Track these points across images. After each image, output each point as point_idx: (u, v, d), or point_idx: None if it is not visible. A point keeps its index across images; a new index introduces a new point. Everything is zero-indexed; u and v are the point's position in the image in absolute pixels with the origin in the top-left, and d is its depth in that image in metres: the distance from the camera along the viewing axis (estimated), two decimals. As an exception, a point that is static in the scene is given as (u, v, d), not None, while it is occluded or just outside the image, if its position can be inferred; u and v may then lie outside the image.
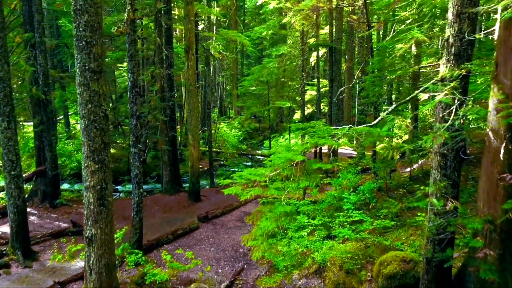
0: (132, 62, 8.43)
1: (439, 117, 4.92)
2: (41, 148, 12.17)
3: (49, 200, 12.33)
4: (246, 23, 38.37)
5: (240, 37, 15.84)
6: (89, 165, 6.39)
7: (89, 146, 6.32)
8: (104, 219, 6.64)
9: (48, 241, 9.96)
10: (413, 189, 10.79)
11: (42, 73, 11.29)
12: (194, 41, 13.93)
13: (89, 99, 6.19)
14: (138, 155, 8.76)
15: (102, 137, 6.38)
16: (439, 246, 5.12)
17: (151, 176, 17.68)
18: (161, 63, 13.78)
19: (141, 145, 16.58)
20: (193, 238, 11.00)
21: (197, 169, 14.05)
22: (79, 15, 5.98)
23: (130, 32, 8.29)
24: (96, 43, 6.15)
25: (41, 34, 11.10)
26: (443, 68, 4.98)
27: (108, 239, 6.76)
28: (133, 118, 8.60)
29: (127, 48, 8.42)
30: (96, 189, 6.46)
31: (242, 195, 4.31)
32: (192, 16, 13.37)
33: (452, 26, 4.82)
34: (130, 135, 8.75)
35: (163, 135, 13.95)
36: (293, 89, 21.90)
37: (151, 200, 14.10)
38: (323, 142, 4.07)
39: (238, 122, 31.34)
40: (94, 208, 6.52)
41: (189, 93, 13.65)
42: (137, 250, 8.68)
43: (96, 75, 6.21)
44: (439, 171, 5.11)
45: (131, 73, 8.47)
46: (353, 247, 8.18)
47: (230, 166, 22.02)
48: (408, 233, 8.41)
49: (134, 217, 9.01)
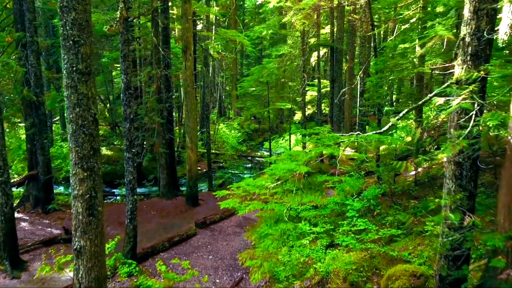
0: (125, 62, 8.03)
1: (454, 122, 4.52)
2: (33, 151, 11.77)
3: (41, 205, 11.92)
4: (246, 23, 37.99)
5: (239, 36, 15.43)
6: (78, 172, 5.98)
7: (77, 153, 5.91)
8: (94, 230, 6.22)
9: (39, 249, 9.56)
10: (419, 194, 10.40)
11: (33, 73, 10.88)
12: (192, 41, 13.53)
13: (77, 102, 5.78)
14: (132, 160, 8.36)
15: (91, 143, 5.97)
16: (453, 262, 4.72)
17: (148, 179, 17.27)
18: (158, 63, 13.38)
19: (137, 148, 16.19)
20: (190, 245, 10.59)
21: (195, 173, 13.64)
22: (65, 12, 5.57)
23: (123, 31, 7.89)
24: (84, 42, 5.75)
25: (32, 33, 10.69)
26: (458, 69, 4.58)
27: (98, 251, 6.35)
28: (127, 122, 8.20)
29: (120, 48, 8.02)
30: (85, 198, 6.05)
31: (240, 209, 3.91)
32: (189, 15, 12.97)
33: (469, 23, 4.42)
34: (124, 139, 8.34)
35: (160, 138, 13.54)
36: (294, 90, 21.49)
37: (148, 204, 13.69)
38: (329, 152, 3.68)
39: (237, 123, 30.92)
40: (83, 218, 6.11)
41: (186, 94, 13.25)
42: (130, 260, 8.27)
43: (85, 76, 5.80)
44: (453, 181, 4.71)
45: (125, 74, 8.06)
46: (358, 257, 7.78)
47: (229, 168, 21.62)
48: (415, 242, 8.02)
49: (128, 225, 8.61)
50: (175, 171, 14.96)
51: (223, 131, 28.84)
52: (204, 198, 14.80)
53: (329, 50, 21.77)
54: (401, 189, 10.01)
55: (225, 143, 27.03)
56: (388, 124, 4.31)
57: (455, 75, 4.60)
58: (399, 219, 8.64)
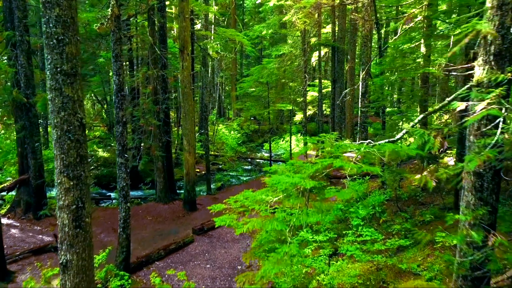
0: (118, 63, 7.59)
1: (474, 129, 4.09)
2: (24, 155, 11.32)
3: (33, 211, 11.48)
4: (246, 22, 37.56)
5: (238, 36, 14.99)
6: (63, 181, 5.55)
7: (63, 160, 5.48)
8: (81, 243, 5.79)
9: (28, 258, 9.11)
10: (426, 200, 9.98)
11: (23, 74, 10.44)
12: (190, 40, 13.08)
13: (61, 106, 5.35)
14: (125, 166, 7.92)
15: (77, 150, 5.54)
16: (473, 283, 4.29)
17: (145, 183, 16.84)
18: (155, 63, 12.94)
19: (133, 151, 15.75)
20: (187, 254, 10.15)
21: (192, 176, 13.20)
22: (48, 8, 5.14)
23: (115, 30, 7.45)
24: (69, 41, 5.31)
25: (22, 32, 10.25)
26: (479, 70, 4.14)
27: (86, 265, 5.92)
28: (119, 125, 7.76)
29: (112, 47, 7.58)
30: (71, 209, 5.62)
31: (237, 228, 3.48)
32: (187, 14, 12.53)
33: (492, 19, 3.98)
34: (116, 143, 7.90)
35: (157, 140, 13.10)
36: (294, 91, 21.05)
37: (144, 209, 13.25)
38: (339, 165, 3.25)
39: (237, 124, 30.48)
40: (69, 230, 5.68)
41: (184, 96, 12.81)
42: (123, 272, 7.83)
43: (70, 78, 5.37)
44: (473, 193, 4.28)
45: (117, 75, 7.63)
46: (363, 268, 7.35)
47: (229, 170, 21.18)
48: (424, 253, 7.58)
49: (121, 234, 8.17)
50: (172, 174, 14.52)
51: (222, 132, 28.40)
52: (202, 202, 14.36)
53: (331, 50, 21.34)
54: (408, 195, 9.57)
55: (225, 144, 26.60)
56: (402, 132, 3.87)
57: (476, 77, 4.16)
58: (406, 227, 8.22)
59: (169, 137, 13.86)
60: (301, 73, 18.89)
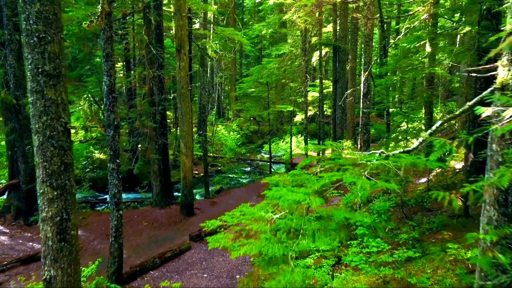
0: (109, 62, 7.16)
1: (498, 138, 3.66)
2: (14, 158, 10.89)
3: (23, 216, 11.05)
4: (245, 22, 37.15)
5: (237, 35, 14.56)
6: (46, 191, 5.12)
7: (45, 168, 5.05)
8: (66, 258, 5.36)
9: (16, 268, 8.69)
10: (433, 207, 9.55)
11: (13, 75, 10.01)
12: (187, 40, 12.66)
13: (43, 109, 4.92)
14: (117, 172, 7.49)
15: (61, 157, 5.12)
16: (496, 308, 3.86)
17: (142, 186, 16.43)
18: (151, 63, 12.50)
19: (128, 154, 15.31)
20: (183, 262, 9.72)
21: (190, 180, 12.77)
22: (28, 3, 4.71)
23: (106, 28, 7.02)
24: (52, 39, 4.89)
25: (11, 31, 9.82)
26: (503, 71, 3.72)
27: (72, 281, 5.48)
28: (110, 129, 7.33)
29: (103, 46, 7.16)
30: (54, 221, 5.19)
31: (233, 251, 3.06)
32: (184, 12, 12.10)
33: (519, 14, 3.56)
34: (107, 148, 7.47)
35: (153, 143, 12.66)
36: (295, 91, 20.62)
37: (139, 214, 12.82)
38: (350, 180, 2.82)
39: (236, 125, 30.07)
40: (53, 244, 5.24)
41: (181, 97, 12.38)
42: (114, 284, 7.40)
43: (53, 79, 4.94)
44: (496, 208, 3.85)
45: (108, 75, 7.20)
46: (369, 281, 6.92)
47: (228, 172, 20.76)
48: (434, 265, 7.15)
49: (112, 244, 7.74)
50: (169, 178, 14.09)
51: (221, 133, 27.98)
52: (200, 207, 13.95)
53: (332, 50, 20.92)
54: (414, 201, 9.14)
55: (224, 145, 26.18)
56: (418, 140, 3.44)
57: (499, 79, 3.73)
58: (414, 236, 7.79)
59: (166, 140, 13.44)
60: (302, 73, 18.46)
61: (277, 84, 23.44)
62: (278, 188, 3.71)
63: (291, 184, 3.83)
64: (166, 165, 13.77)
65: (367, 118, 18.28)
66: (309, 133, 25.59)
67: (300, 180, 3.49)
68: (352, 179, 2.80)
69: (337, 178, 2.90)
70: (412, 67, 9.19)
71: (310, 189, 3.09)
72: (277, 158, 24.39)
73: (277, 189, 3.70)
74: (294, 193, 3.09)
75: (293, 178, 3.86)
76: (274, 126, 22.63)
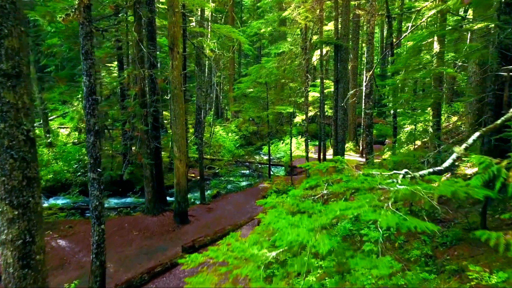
0: (88, 61, 6.43)
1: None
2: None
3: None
4: (244, 20, 36.44)
5: (234, 33, 13.83)
6: (5, 210, 4.41)
7: (4, 184, 4.33)
8: (31, 286, 4.65)
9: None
10: (446, 217, 8.83)
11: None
12: (180, 37, 11.93)
13: (0, 115, 4.20)
14: (98, 182, 6.76)
15: (23, 170, 4.40)
16: None
17: (134, 191, 15.70)
18: (142, 62, 11.78)
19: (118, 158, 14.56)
20: (174, 277, 8.99)
21: (183, 186, 12.05)
22: (-21, -10, 4.00)
23: (84, 22, 6.29)
24: (9, 32, 4.17)
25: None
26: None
27: (38, 313, 4.78)
28: (90, 134, 6.60)
29: (81, 42, 6.43)
30: (16, 244, 4.47)
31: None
32: (176, 8, 11.37)
33: None
34: (87, 155, 6.74)
35: (144, 147, 11.94)
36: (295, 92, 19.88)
37: (130, 222, 12.08)
38: (369, 217, 2.11)
39: (235, 125, 29.35)
40: (14, 271, 4.53)
41: (174, 98, 11.65)
42: (94, 307, 6.68)
43: (11, 80, 4.22)
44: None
45: (87, 75, 6.47)
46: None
47: (225, 176, 20.04)
48: (449, 284, 6.46)
49: (94, 261, 7.02)
50: (162, 183, 13.37)
51: (219, 134, 27.25)
52: (195, 214, 13.22)
53: (333, 49, 20.18)
54: (426, 212, 8.41)
55: (222, 147, 25.46)
56: (452, 157, 2.73)
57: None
58: (427, 253, 7.07)
59: (159, 143, 12.70)
60: (302, 72, 17.73)
61: (276, 84, 22.73)
62: (276, 214, 2.99)
63: (291, 209, 3.12)
64: (159, 169, 13.05)
65: (370, 120, 17.54)
66: (309, 134, 24.87)
67: (302, 206, 2.77)
68: (373, 216, 2.08)
69: (352, 212, 2.18)
70: (422, 66, 8.45)
71: (316, 223, 2.37)
72: (276, 160, 23.67)
73: (274, 214, 2.98)
74: (295, 229, 2.37)
75: (294, 201, 3.14)
76: (273, 129, 21.90)
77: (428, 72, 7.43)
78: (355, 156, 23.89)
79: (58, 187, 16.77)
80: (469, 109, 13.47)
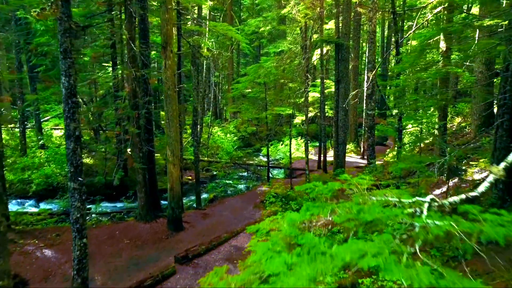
0: (67, 60, 5.86)
1: None
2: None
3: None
4: (243, 19, 35.87)
5: (231, 31, 13.27)
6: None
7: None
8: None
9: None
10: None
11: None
12: (174, 36, 11.36)
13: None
14: (79, 192, 6.20)
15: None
16: None
17: (127, 196, 15.15)
18: (133, 62, 11.21)
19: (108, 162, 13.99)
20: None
21: (177, 191, 11.50)
22: None
23: (62, 17, 5.72)
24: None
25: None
26: None
27: None
28: (70, 140, 6.04)
29: (59, 40, 5.86)
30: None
31: None
32: (170, 4, 10.81)
33: None
34: (67, 163, 6.18)
35: (136, 150, 11.38)
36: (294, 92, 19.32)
37: (121, 230, 11.51)
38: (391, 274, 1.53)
39: (233, 126, 28.81)
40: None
41: (167, 99, 11.09)
42: (74, 330, 6.12)
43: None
44: None
45: (66, 76, 5.90)
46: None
47: (223, 179, 19.48)
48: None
49: (75, 279, 6.46)
50: (156, 188, 12.80)
51: (217, 135, 26.71)
52: (190, 220, 12.66)
53: (334, 48, 19.62)
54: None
55: (220, 148, 24.92)
56: (488, 179, 2.17)
57: None
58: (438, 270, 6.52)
59: (152, 146, 12.14)
60: (302, 72, 17.17)
61: (275, 84, 22.18)
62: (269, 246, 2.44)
63: (288, 240, 2.57)
64: (152, 174, 12.49)
65: (372, 121, 16.98)
66: (309, 135, 24.32)
67: (302, 242, 2.21)
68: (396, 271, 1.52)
69: (368, 263, 1.62)
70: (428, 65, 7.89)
71: (319, 269, 1.82)
72: (275, 162, 23.14)
73: (268, 246, 2.43)
74: (293, 277, 1.82)
75: (292, 230, 2.59)
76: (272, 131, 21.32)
77: (436, 72, 6.88)
78: (356, 158, 23.33)
79: (49, 190, 16.23)
80: (475, 110, 12.93)
